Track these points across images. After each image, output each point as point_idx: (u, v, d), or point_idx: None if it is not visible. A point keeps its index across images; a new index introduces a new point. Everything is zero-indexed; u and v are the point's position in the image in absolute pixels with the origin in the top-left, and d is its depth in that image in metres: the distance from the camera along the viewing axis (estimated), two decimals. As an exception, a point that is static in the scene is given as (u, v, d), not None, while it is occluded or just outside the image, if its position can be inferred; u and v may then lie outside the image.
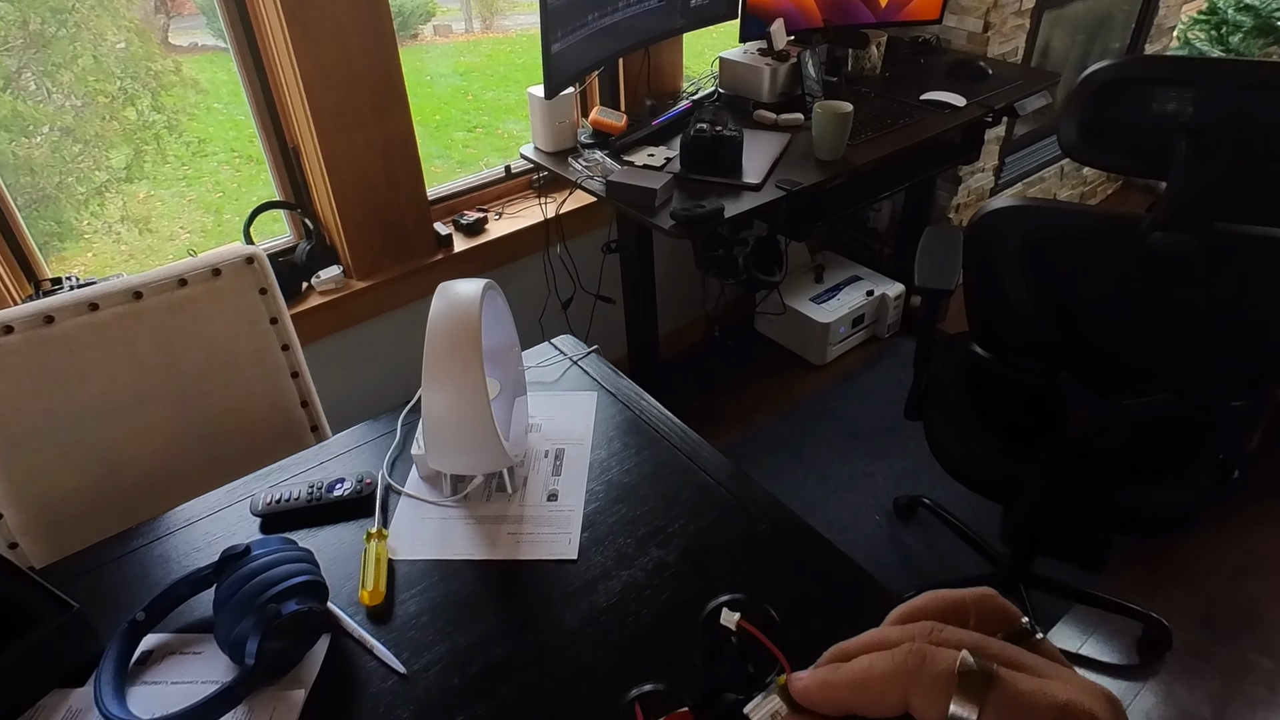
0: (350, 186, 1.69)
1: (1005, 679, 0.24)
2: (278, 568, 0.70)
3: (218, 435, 1.11)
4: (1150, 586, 1.77)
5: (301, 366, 1.17)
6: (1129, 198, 3.23)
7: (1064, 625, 1.72)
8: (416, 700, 0.69)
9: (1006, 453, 1.40)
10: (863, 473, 2.09)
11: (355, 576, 0.80)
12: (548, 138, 1.84)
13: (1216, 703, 1.57)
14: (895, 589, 1.77)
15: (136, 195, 3.34)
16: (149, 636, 0.73)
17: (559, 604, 0.78)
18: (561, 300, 2.11)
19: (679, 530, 0.84)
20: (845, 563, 0.81)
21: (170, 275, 1.04)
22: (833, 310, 2.42)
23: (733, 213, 1.58)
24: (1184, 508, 1.32)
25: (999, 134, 2.56)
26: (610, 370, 1.09)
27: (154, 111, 3.22)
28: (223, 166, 3.69)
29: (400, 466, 0.94)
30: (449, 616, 0.76)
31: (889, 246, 2.65)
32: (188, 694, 0.66)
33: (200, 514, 0.89)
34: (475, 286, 0.84)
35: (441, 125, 4.37)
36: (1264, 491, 1.97)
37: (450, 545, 0.84)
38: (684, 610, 0.76)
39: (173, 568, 0.82)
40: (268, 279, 1.10)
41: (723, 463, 0.93)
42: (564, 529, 0.85)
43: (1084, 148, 1.15)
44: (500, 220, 2.00)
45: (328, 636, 0.74)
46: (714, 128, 1.70)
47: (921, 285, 1.45)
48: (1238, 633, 1.69)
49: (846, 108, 1.71)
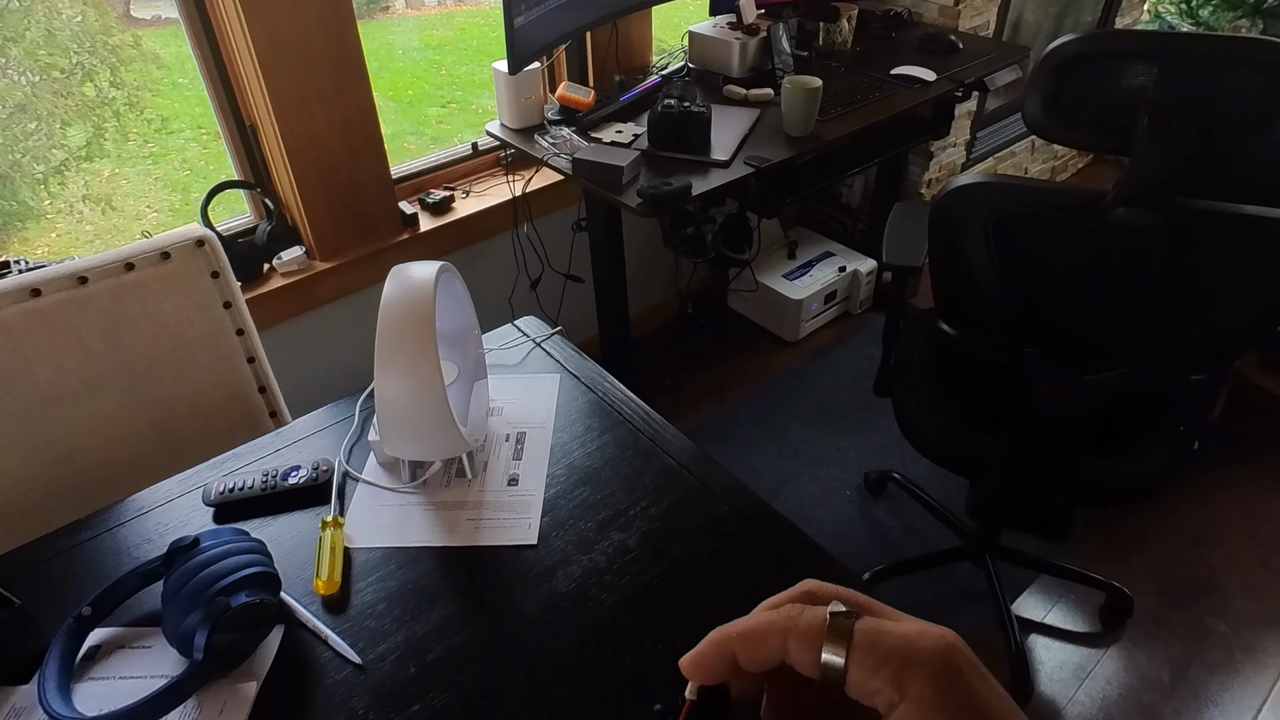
0: (310, 164, 1.65)
1: (864, 624, 0.27)
2: (227, 559, 0.69)
3: (171, 423, 1.08)
4: (1112, 556, 1.81)
5: (258, 351, 1.14)
6: (1099, 172, 3.25)
7: (1029, 595, 1.75)
8: (372, 691, 0.68)
9: (973, 428, 1.41)
10: (834, 448, 2.10)
11: (311, 566, 0.79)
12: (514, 114, 1.81)
13: (1175, 667, 1.60)
14: (864, 564, 1.79)
15: (100, 174, 3.25)
16: (96, 631, 0.71)
17: (518, 590, 0.77)
18: (531, 279, 2.09)
19: (640, 514, 0.84)
20: (807, 544, 0.81)
21: (116, 259, 1.01)
22: (805, 287, 2.41)
23: (701, 190, 1.56)
24: (1145, 479, 1.34)
25: (970, 109, 2.55)
26: (574, 352, 1.07)
27: (113, 88, 3.12)
28: (189, 144, 3.59)
29: (358, 453, 0.93)
30: (406, 605, 0.75)
31: (861, 222, 2.65)
32: (136, 689, 0.64)
33: (152, 504, 0.87)
34: (430, 269, 0.82)
35: (414, 101, 4.28)
36: (1223, 462, 2.01)
37: (408, 532, 0.83)
38: (645, 596, 0.76)
39: (123, 560, 0.80)
40: (220, 262, 1.07)
41: (686, 445, 0.92)
42: (524, 514, 0.84)
43: (1048, 123, 1.15)
44: (468, 199, 1.97)
45: (281, 628, 0.73)
46: (682, 104, 1.68)
47: (889, 262, 1.45)
48: (1196, 599, 1.73)
49: (816, 83, 1.69)
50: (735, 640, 0.29)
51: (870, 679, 0.26)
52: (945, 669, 0.26)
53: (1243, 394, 2.18)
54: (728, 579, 0.77)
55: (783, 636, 0.28)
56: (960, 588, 1.75)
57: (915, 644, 0.26)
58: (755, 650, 0.29)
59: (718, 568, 0.78)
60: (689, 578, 0.77)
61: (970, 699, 0.26)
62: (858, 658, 0.27)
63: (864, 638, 0.27)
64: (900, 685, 0.26)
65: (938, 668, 0.26)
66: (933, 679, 0.26)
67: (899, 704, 0.26)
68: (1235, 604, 1.71)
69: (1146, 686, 1.57)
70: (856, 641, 0.27)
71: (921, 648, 0.26)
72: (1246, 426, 2.11)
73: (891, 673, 0.26)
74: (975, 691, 0.26)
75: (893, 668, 0.26)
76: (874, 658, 0.26)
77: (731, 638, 0.29)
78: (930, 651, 0.26)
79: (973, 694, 0.26)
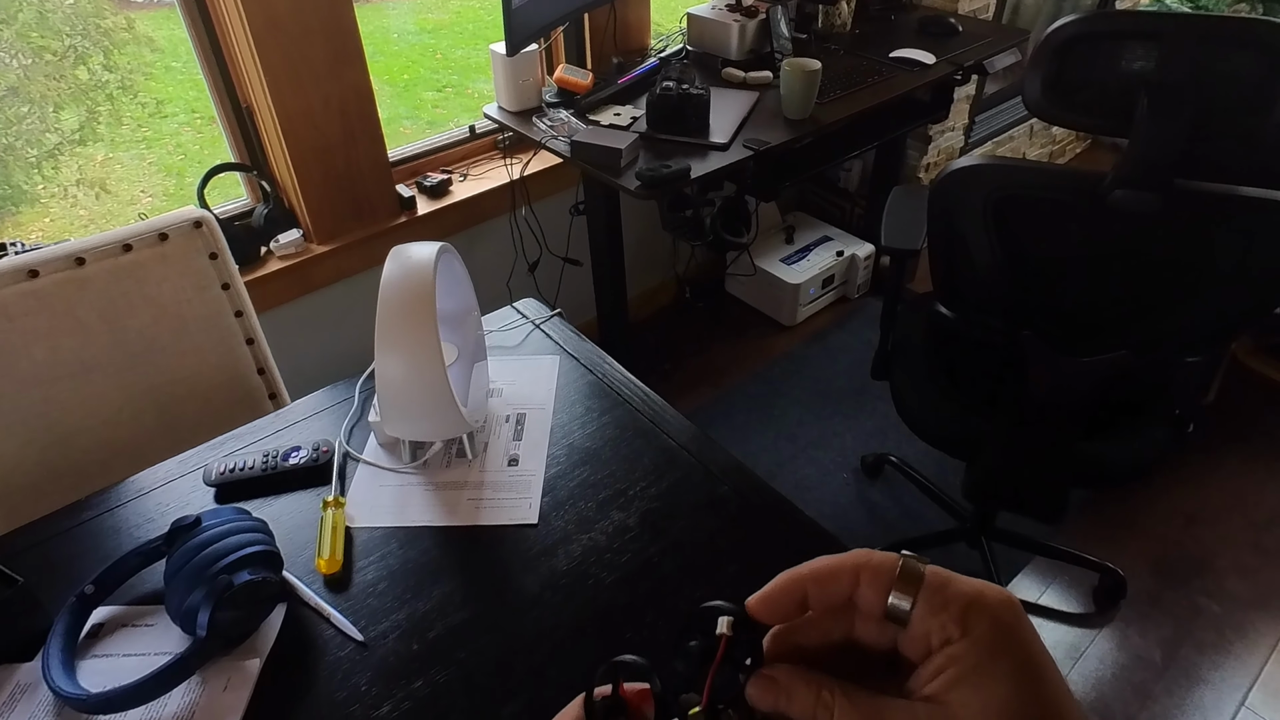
0: (307, 147, 1.64)
1: (934, 569, 0.29)
2: (229, 538, 0.69)
3: (170, 404, 1.08)
4: (1106, 538, 1.82)
5: (256, 333, 1.14)
6: (1097, 156, 3.24)
7: (1024, 577, 1.76)
8: (375, 667, 0.69)
9: (970, 410, 1.42)
10: (831, 432, 2.11)
11: (312, 545, 0.79)
12: (511, 97, 1.79)
13: (1167, 646, 1.62)
14: (860, 546, 1.81)
15: (94, 158, 3.22)
16: (99, 609, 0.72)
17: (519, 569, 0.77)
18: (529, 263, 2.09)
19: (640, 493, 0.84)
20: (806, 523, 0.82)
21: (114, 240, 1.01)
22: (803, 271, 2.41)
23: (699, 173, 1.56)
24: (1140, 461, 1.35)
25: (969, 92, 2.55)
26: (573, 334, 1.07)
27: (106, 71, 3.09)
28: (183, 128, 3.57)
29: (358, 434, 0.93)
30: (407, 583, 0.76)
31: (859, 207, 2.65)
32: (140, 666, 0.65)
33: (152, 484, 0.87)
34: (430, 249, 0.82)
35: (410, 85, 4.24)
36: (1217, 445, 2.03)
37: (409, 512, 0.83)
38: (645, 574, 0.76)
39: (124, 539, 0.80)
40: (218, 243, 1.07)
41: (685, 425, 0.93)
42: (524, 494, 0.84)
43: (1048, 105, 1.14)
44: (465, 182, 1.96)
45: (283, 606, 0.73)
46: (680, 86, 1.67)
47: (888, 245, 1.45)
48: (1189, 580, 1.74)
49: (815, 65, 1.68)
50: (808, 578, 0.30)
51: (934, 619, 0.28)
52: (1009, 618, 0.27)
53: (1237, 377, 2.19)
54: (727, 557, 0.78)
55: (855, 573, 0.29)
56: (956, 569, 1.74)
57: (983, 592, 0.28)
58: (827, 586, 0.30)
59: (717, 546, 0.79)
60: (689, 556, 0.78)
61: (1026, 651, 0.27)
62: (926, 597, 0.28)
63: (935, 579, 0.28)
64: (964, 625, 0.27)
65: (1001, 616, 0.27)
66: (994, 624, 0.27)
67: (958, 640, 0.27)
68: (1227, 584, 1.73)
69: (1139, 665, 1.59)
70: (928, 582, 0.28)
71: (989, 597, 0.28)
72: (1240, 410, 2.12)
73: (957, 613, 0.27)
74: (1031, 645, 0.27)
75: (958, 609, 0.27)
76: (942, 598, 0.28)
77: (804, 576, 0.30)
78: (997, 601, 0.27)
79: (1029, 646, 0.27)
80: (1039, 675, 0.27)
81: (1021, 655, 0.27)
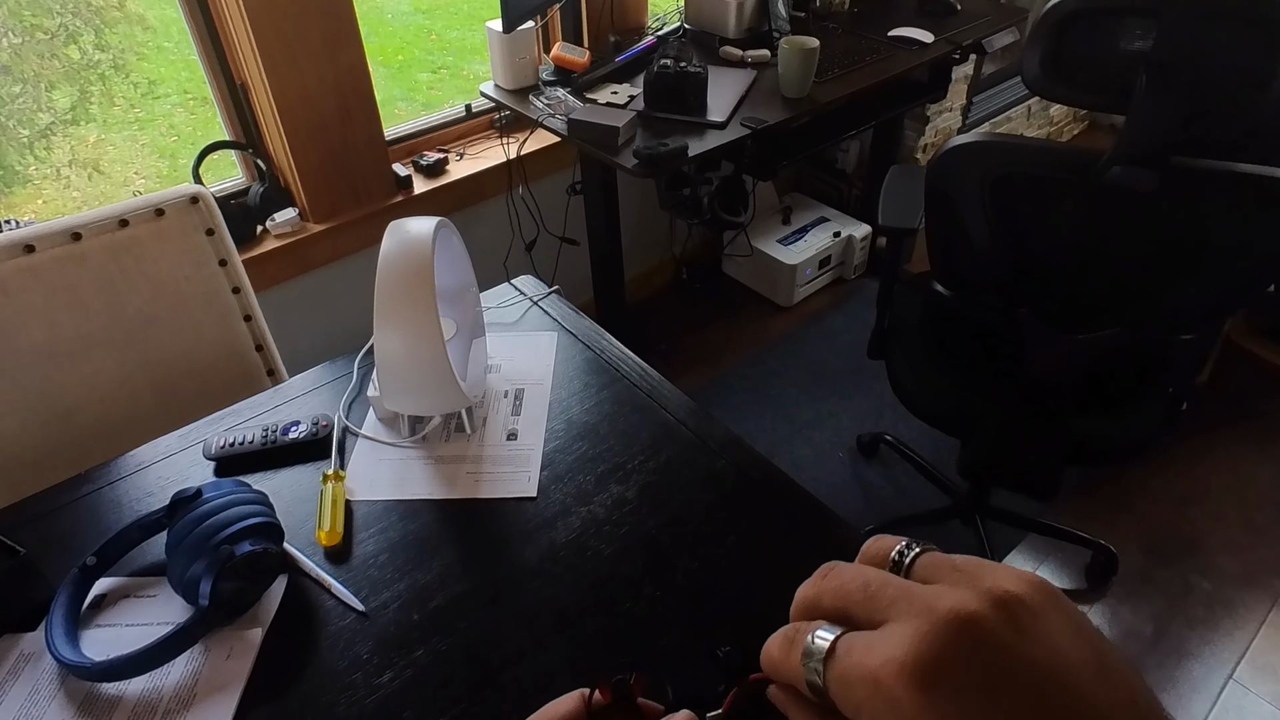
0: (302, 124, 1.63)
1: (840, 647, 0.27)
2: (230, 509, 0.70)
3: (169, 380, 1.09)
4: (1099, 516, 1.84)
5: (254, 310, 1.14)
6: (1095, 138, 3.24)
7: (1018, 554, 1.78)
8: (376, 636, 0.70)
9: (965, 389, 1.43)
10: (827, 412, 2.12)
11: (312, 518, 0.79)
12: (508, 75, 1.78)
13: (1158, 622, 1.64)
14: (856, 523, 1.81)
15: (86, 139, 3.19)
16: (102, 580, 0.72)
17: (518, 541, 0.78)
18: (526, 242, 2.08)
19: (639, 467, 0.85)
20: (803, 496, 0.83)
21: (110, 216, 1.00)
22: (800, 252, 2.41)
23: (697, 151, 1.55)
24: (1134, 440, 1.36)
25: (967, 72, 2.53)
26: (571, 310, 1.07)
27: (98, 50, 3.05)
28: (176, 109, 3.53)
29: (357, 409, 0.93)
30: (408, 555, 0.76)
31: (856, 188, 2.64)
32: (143, 635, 0.65)
33: (152, 458, 0.87)
34: (428, 224, 0.82)
35: (404, 66, 4.21)
36: (1211, 423, 2.04)
37: (409, 485, 0.83)
38: (643, 546, 0.77)
39: (125, 512, 0.81)
40: (214, 219, 1.07)
41: (683, 401, 0.93)
42: (523, 467, 0.85)
43: (1046, 82, 1.14)
44: (462, 161, 1.95)
45: (285, 577, 0.74)
46: (678, 64, 1.66)
47: (885, 224, 1.45)
48: (1180, 557, 1.76)
49: (813, 43, 1.68)
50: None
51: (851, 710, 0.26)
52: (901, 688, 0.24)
53: (1230, 358, 2.20)
54: (725, 529, 0.79)
55: (776, 675, 0.30)
56: (951, 546, 1.73)
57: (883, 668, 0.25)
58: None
59: (715, 519, 0.80)
60: (687, 528, 0.79)
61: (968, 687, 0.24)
62: (834, 690, 0.27)
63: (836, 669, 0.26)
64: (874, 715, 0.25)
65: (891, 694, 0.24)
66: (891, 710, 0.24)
67: None
68: (1218, 561, 1.75)
69: (1130, 641, 1.61)
70: (830, 675, 0.27)
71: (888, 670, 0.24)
72: (1234, 389, 2.13)
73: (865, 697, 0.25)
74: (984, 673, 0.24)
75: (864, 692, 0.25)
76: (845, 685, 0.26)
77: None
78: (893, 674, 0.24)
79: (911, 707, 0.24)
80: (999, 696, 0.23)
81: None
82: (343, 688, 0.66)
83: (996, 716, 0.23)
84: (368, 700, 0.65)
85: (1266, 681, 1.54)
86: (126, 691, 0.65)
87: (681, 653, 0.68)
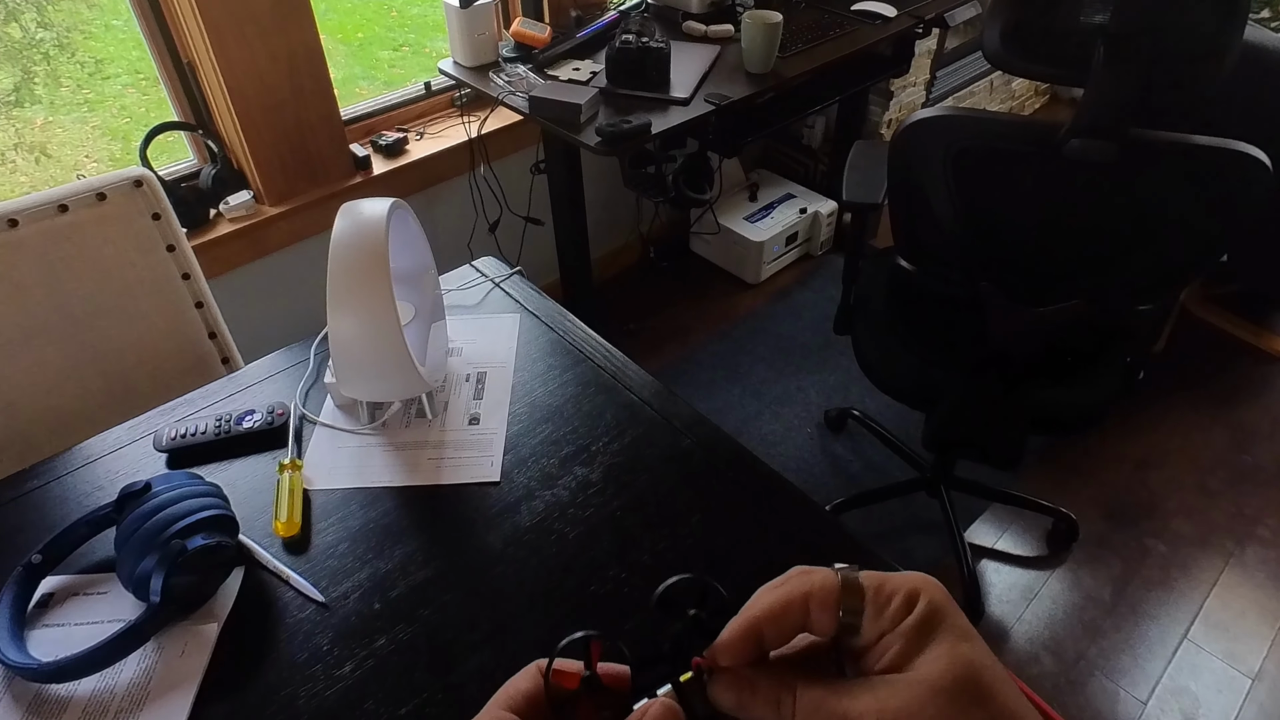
0: (254, 104, 1.58)
1: (868, 579, 0.31)
2: (181, 502, 0.68)
3: (118, 370, 1.05)
4: (1060, 484, 1.88)
5: (206, 296, 1.11)
6: (1057, 111, 3.27)
7: (981, 523, 1.81)
8: (336, 627, 0.68)
9: (929, 362, 1.44)
10: (795, 387, 2.13)
11: (269, 509, 0.78)
12: (467, 51, 1.74)
13: (1116, 585, 1.69)
14: (825, 497, 1.83)
15: (33, 121, 3.07)
16: (48, 579, 0.70)
17: (482, 526, 0.77)
18: (490, 223, 2.05)
19: (603, 449, 0.84)
20: (768, 473, 0.82)
21: (49, 201, 0.96)
22: (767, 229, 2.41)
23: (660, 128, 1.54)
24: (1093, 408, 1.38)
25: (930, 47, 2.54)
26: (534, 291, 1.06)
27: (41, 28, 2.93)
28: (127, 89, 3.41)
29: (315, 396, 0.91)
30: (368, 544, 0.75)
31: (823, 164, 2.64)
32: (93, 634, 0.63)
33: (100, 452, 0.84)
34: (382, 205, 0.80)
35: (365, 44, 4.10)
36: (1166, 392, 2.09)
37: (368, 473, 0.82)
38: (608, 528, 0.76)
39: (72, 508, 0.78)
40: (160, 203, 1.03)
41: (648, 381, 0.92)
42: (486, 452, 0.84)
43: (1006, 55, 1.14)
44: (422, 140, 1.91)
45: (241, 570, 0.72)
46: (640, 39, 1.64)
47: (849, 200, 1.45)
48: (1138, 522, 1.81)
49: (776, 18, 1.66)
50: (762, 620, 0.31)
51: (884, 612, 0.30)
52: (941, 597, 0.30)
53: (1186, 326, 2.25)
54: (691, 508, 0.78)
55: (803, 602, 0.31)
56: (917, 518, 1.81)
57: (914, 579, 0.31)
58: (781, 623, 0.31)
59: (681, 498, 0.79)
60: (652, 509, 0.78)
61: (962, 616, 0.31)
62: (872, 598, 0.30)
63: (871, 580, 0.31)
64: (908, 606, 0.30)
65: (936, 595, 0.30)
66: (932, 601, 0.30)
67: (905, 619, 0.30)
68: (1174, 524, 1.80)
69: (1089, 604, 1.65)
70: (866, 585, 0.31)
71: (922, 582, 0.31)
72: (1189, 358, 2.18)
73: (900, 602, 0.30)
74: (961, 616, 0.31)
75: (901, 599, 0.30)
76: (883, 598, 0.30)
77: (758, 618, 0.31)
78: (930, 584, 0.31)
79: (962, 614, 0.31)
80: (975, 633, 0.30)
81: (960, 618, 0.30)
82: (303, 680, 0.65)
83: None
84: (328, 692, 0.64)
85: (1219, 640, 1.59)
86: (76, 692, 0.63)
87: (650, 633, 0.68)
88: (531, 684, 0.33)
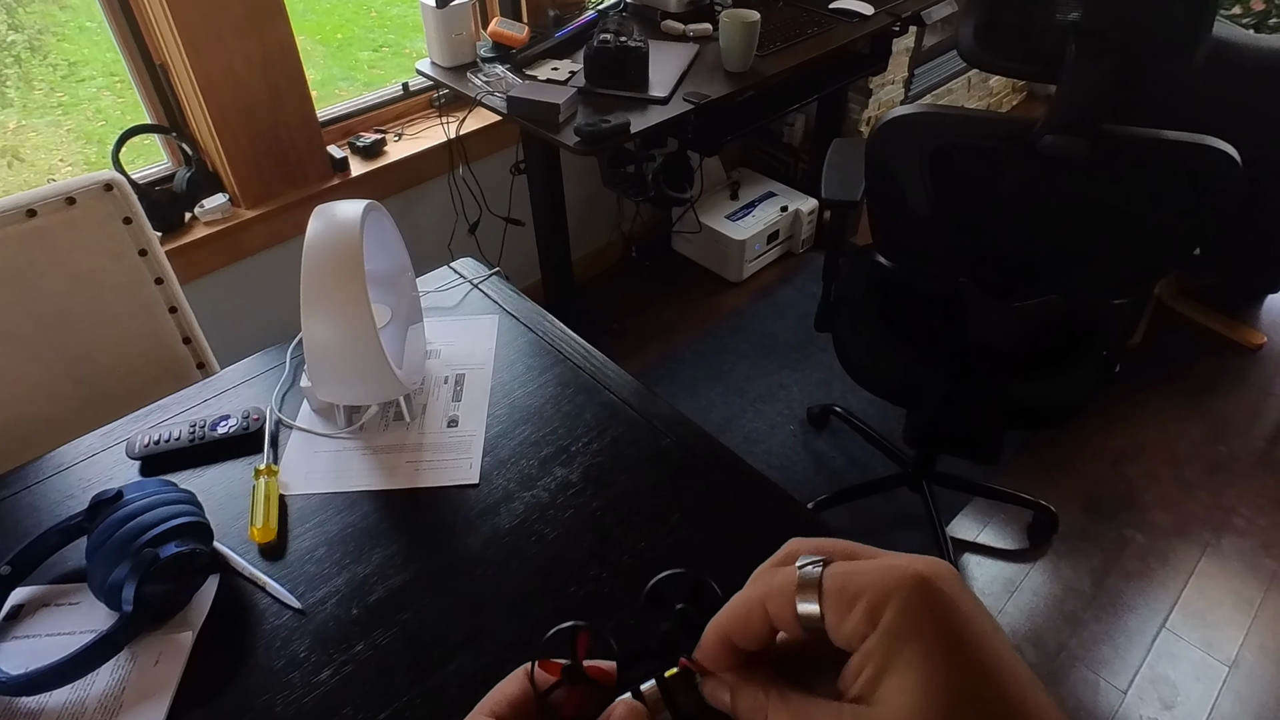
0: (229, 106, 1.56)
1: (833, 570, 0.28)
2: (154, 510, 0.67)
3: (91, 377, 1.04)
4: (1040, 477, 1.90)
5: (180, 301, 1.10)
6: (1033, 108, 3.30)
7: (963, 517, 1.82)
8: (314, 634, 0.68)
9: (909, 358, 1.45)
10: (778, 385, 2.13)
11: (245, 515, 0.77)
12: (445, 52, 1.74)
13: (1096, 576, 1.71)
14: (809, 494, 1.84)
15: (5, 125, 3.03)
16: (18, 591, 0.69)
17: (461, 529, 0.77)
18: (469, 224, 2.04)
19: (583, 449, 0.84)
20: (749, 471, 0.83)
21: (16, 205, 0.95)
22: (748, 227, 2.42)
23: (640, 127, 1.54)
24: (1071, 402, 1.40)
25: (908, 45, 2.55)
26: (512, 292, 1.05)
27: (12, 30, 2.89)
28: (102, 92, 3.37)
29: (291, 400, 0.90)
30: (346, 549, 0.74)
31: (803, 162, 2.65)
32: (65, 645, 0.62)
33: (72, 460, 0.83)
34: (356, 206, 0.79)
35: (344, 45, 4.07)
36: (1143, 385, 2.11)
37: (346, 478, 0.81)
38: (588, 528, 0.76)
39: (43, 517, 0.77)
40: (132, 207, 1.02)
41: (628, 381, 0.92)
42: (465, 454, 0.83)
43: (981, 52, 1.15)
44: (400, 141, 1.90)
45: (216, 577, 0.71)
46: (619, 39, 1.64)
47: (828, 197, 1.45)
48: (1116, 513, 1.83)
49: (753, 16, 1.66)
50: (727, 628, 0.30)
51: (845, 620, 0.26)
52: (915, 597, 0.25)
53: (1162, 320, 2.28)
54: (671, 508, 0.78)
55: (762, 606, 0.29)
56: (899, 512, 1.82)
57: (885, 576, 0.26)
58: (746, 630, 0.29)
59: (661, 497, 0.79)
60: (632, 509, 0.78)
61: (942, 624, 0.25)
62: (830, 603, 0.27)
63: (833, 581, 0.27)
64: (871, 618, 0.26)
65: (908, 597, 0.25)
66: (901, 608, 0.25)
67: (869, 634, 0.26)
68: (1151, 515, 1.82)
69: (1069, 595, 1.67)
70: (826, 588, 0.27)
71: (891, 581, 0.26)
72: (1164, 351, 2.21)
73: (863, 608, 0.26)
74: (948, 615, 0.25)
75: (865, 604, 0.26)
76: (844, 599, 0.26)
77: (724, 625, 0.30)
78: (900, 582, 0.26)
79: (945, 619, 0.25)
80: (962, 645, 0.25)
81: (936, 631, 0.25)
82: (280, 687, 0.64)
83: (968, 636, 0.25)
84: (306, 699, 0.63)
85: (1197, 628, 1.61)
86: (48, 704, 0.62)
87: (631, 633, 0.68)
88: (518, 689, 0.33)
